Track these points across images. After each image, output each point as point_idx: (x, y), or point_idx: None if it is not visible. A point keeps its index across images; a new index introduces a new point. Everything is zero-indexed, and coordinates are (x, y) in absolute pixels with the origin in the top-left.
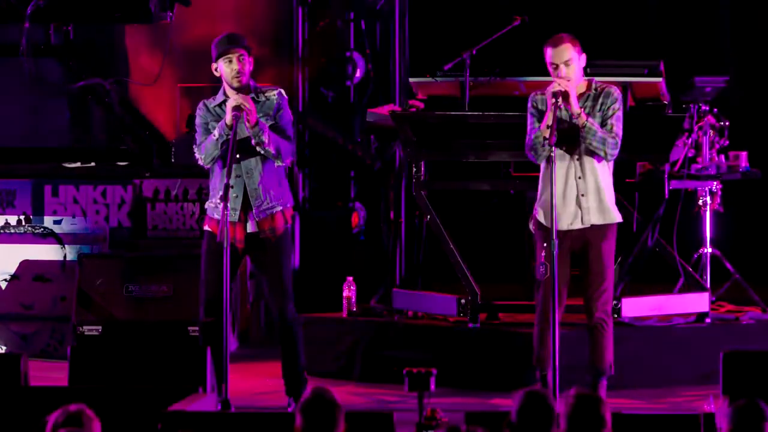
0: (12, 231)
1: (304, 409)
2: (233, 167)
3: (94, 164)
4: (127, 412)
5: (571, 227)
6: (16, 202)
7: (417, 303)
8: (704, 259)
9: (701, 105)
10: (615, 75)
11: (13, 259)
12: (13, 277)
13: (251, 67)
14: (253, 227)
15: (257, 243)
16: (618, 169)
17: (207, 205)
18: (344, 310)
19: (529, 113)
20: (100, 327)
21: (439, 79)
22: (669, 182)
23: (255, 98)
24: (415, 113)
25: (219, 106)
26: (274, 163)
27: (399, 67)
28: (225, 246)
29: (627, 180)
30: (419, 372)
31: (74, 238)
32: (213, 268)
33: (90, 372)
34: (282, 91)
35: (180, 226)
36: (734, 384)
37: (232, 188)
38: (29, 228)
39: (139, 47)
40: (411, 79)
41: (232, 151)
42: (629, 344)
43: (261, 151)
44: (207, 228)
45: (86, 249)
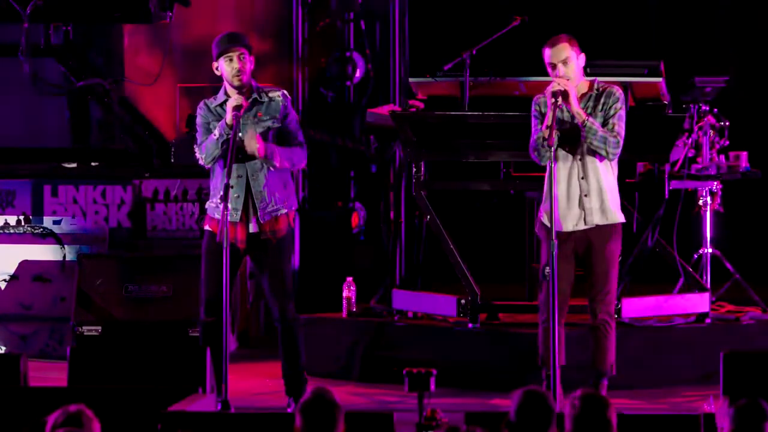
0: (11, 231)
1: (303, 410)
2: (235, 167)
3: (93, 164)
4: (127, 413)
5: (575, 228)
6: (15, 202)
7: (417, 303)
8: (704, 260)
9: (701, 105)
10: (615, 75)
11: (12, 259)
12: (12, 277)
13: (252, 66)
14: (255, 228)
15: (258, 243)
16: (618, 169)
17: (207, 205)
18: (344, 310)
19: (532, 116)
20: (99, 327)
21: (439, 79)
22: (669, 182)
23: (258, 99)
24: (415, 113)
25: (220, 106)
26: None
27: (399, 68)
28: (225, 246)
29: (627, 180)
30: (419, 372)
31: (74, 239)
32: (213, 268)
33: (89, 372)
34: (285, 92)
35: (179, 226)
36: (734, 384)
37: (232, 188)
38: (29, 228)
39: (138, 47)
40: (411, 79)
41: (232, 151)
42: (629, 344)
43: (273, 168)
44: (207, 228)
45: (86, 249)
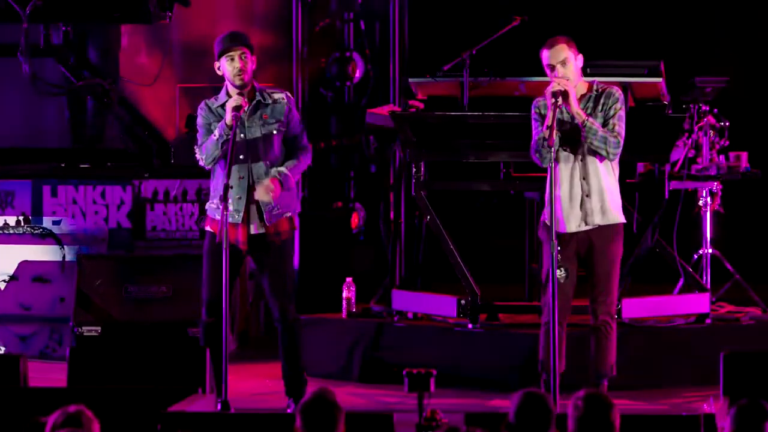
0: (11, 231)
1: (303, 410)
2: (237, 168)
3: (93, 165)
4: (127, 413)
5: (578, 229)
6: (15, 202)
7: (417, 304)
8: (704, 260)
9: (701, 105)
10: (615, 75)
11: (12, 259)
12: (12, 277)
13: (254, 65)
14: (256, 229)
15: (260, 244)
16: (618, 169)
17: (208, 206)
18: (344, 310)
19: (533, 119)
20: (99, 328)
21: (439, 79)
22: (669, 183)
23: (262, 100)
24: (414, 113)
25: (221, 106)
26: None
27: (398, 68)
28: (224, 246)
29: (627, 180)
30: (419, 373)
31: (73, 239)
32: (214, 269)
33: (89, 373)
34: (288, 94)
35: (179, 226)
36: (734, 385)
37: (232, 189)
38: (28, 228)
39: (138, 47)
40: (410, 80)
41: (231, 152)
42: (629, 344)
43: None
44: (208, 229)
45: (85, 250)
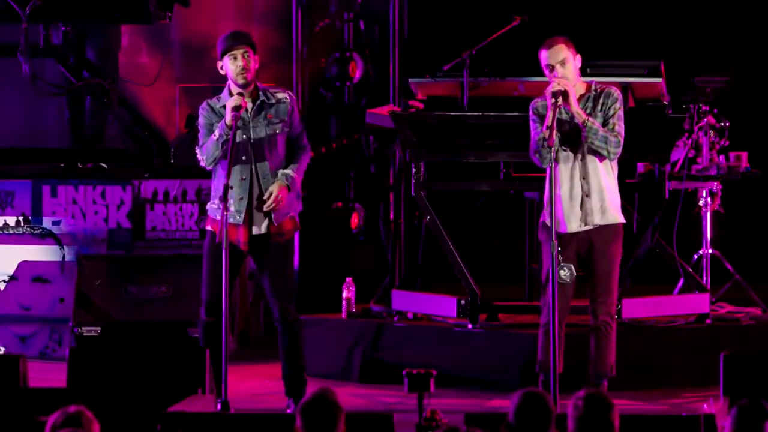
0: (11, 232)
1: (303, 410)
2: (239, 169)
3: (92, 165)
4: (127, 413)
5: (579, 229)
6: (15, 202)
7: (416, 304)
8: (704, 260)
9: (701, 105)
10: (615, 75)
11: (11, 260)
12: (11, 278)
13: (257, 65)
14: (258, 229)
15: (262, 245)
16: (618, 169)
17: (209, 206)
18: (343, 311)
19: (531, 119)
20: (99, 328)
21: (439, 79)
22: (669, 183)
23: (266, 100)
24: (414, 114)
25: (224, 106)
26: None
27: (398, 68)
28: (224, 247)
29: (627, 180)
30: (419, 373)
31: (73, 239)
32: (214, 269)
33: (89, 373)
34: (291, 93)
35: (179, 227)
36: (734, 385)
37: (232, 189)
38: (28, 229)
39: (138, 47)
40: (410, 80)
41: (231, 152)
42: (629, 345)
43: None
44: (209, 229)
45: (85, 250)
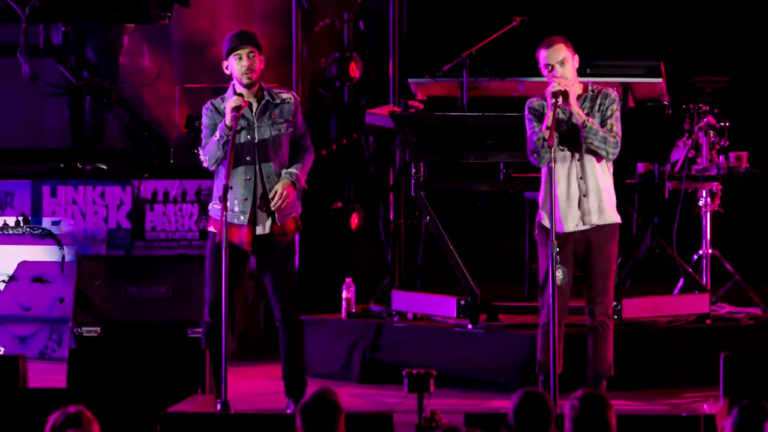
0: (10, 232)
1: (303, 410)
2: (243, 169)
3: (92, 165)
4: (127, 414)
5: (576, 229)
6: (14, 203)
7: (416, 304)
8: (704, 260)
9: (701, 105)
10: (615, 76)
11: (11, 260)
12: (11, 278)
13: (262, 65)
14: (263, 230)
15: (265, 244)
16: (618, 169)
17: (211, 207)
18: (343, 311)
19: (526, 119)
20: (98, 328)
21: (439, 79)
22: (669, 183)
23: (270, 100)
24: (414, 114)
25: None
26: None
27: (398, 68)
28: (224, 247)
29: (627, 181)
30: (419, 373)
31: (73, 239)
32: (217, 270)
33: (89, 373)
34: (295, 94)
35: (179, 227)
36: (734, 385)
37: (231, 189)
38: (28, 229)
39: (138, 47)
40: (410, 80)
41: (231, 152)
42: (629, 345)
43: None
44: (211, 229)
45: (85, 250)
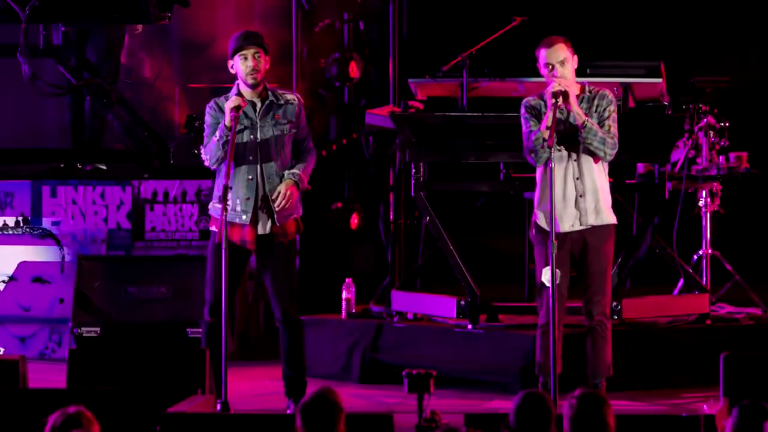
0: (10, 232)
1: (303, 409)
2: (246, 169)
3: (92, 165)
4: (126, 414)
5: (572, 229)
6: (14, 203)
7: (416, 304)
8: (704, 260)
9: (701, 105)
10: (615, 76)
11: (11, 260)
12: (11, 278)
13: (267, 65)
14: (263, 230)
15: (267, 244)
16: (618, 170)
17: (211, 206)
18: (343, 311)
19: (523, 118)
20: (98, 328)
21: (438, 79)
22: (669, 183)
23: (274, 100)
24: (414, 114)
25: None
26: None
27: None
28: (223, 247)
29: (627, 181)
30: (419, 374)
31: (73, 240)
32: (219, 269)
33: (89, 374)
34: (299, 96)
35: (178, 227)
36: (734, 386)
37: (231, 189)
38: (27, 229)
39: (138, 47)
40: (410, 80)
41: (231, 152)
42: (629, 345)
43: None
44: (213, 229)
45: (85, 250)
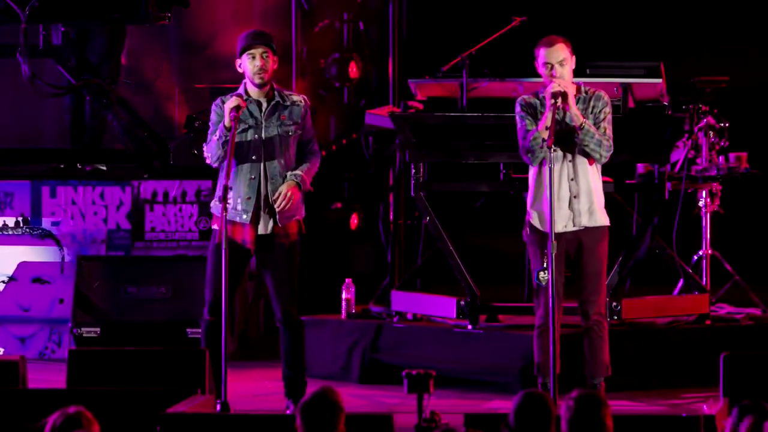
0: (10, 232)
1: (303, 409)
2: (249, 168)
3: (92, 165)
4: (126, 414)
5: (565, 230)
6: (14, 203)
7: (416, 304)
8: (704, 261)
9: (701, 106)
10: (615, 76)
11: (11, 260)
12: (11, 278)
13: (275, 65)
14: (264, 230)
15: (267, 245)
16: (618, 170)
17: (213, 205)
18: (343, 311)
19: (518, 116)
20: (98, 329)
21: (438, 80)
22: (669, 183)
23: (280, 101)
24: (414, 114)
25: None
26: None
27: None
28: (223, 247)
29: (627, 181)
30: (418, 374)
31: (72, 240)
32: (219, 269)
33: (89, 374)
34: (306, 98)
35: (178, 227)
36: (734, 386)
37: (230, 189)
38: (27, 229)
39: (138, 48)
40: (410, 80)
41: (231, 152)
42: (629, 345)
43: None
44: (215, 227)
45: (84, 250)
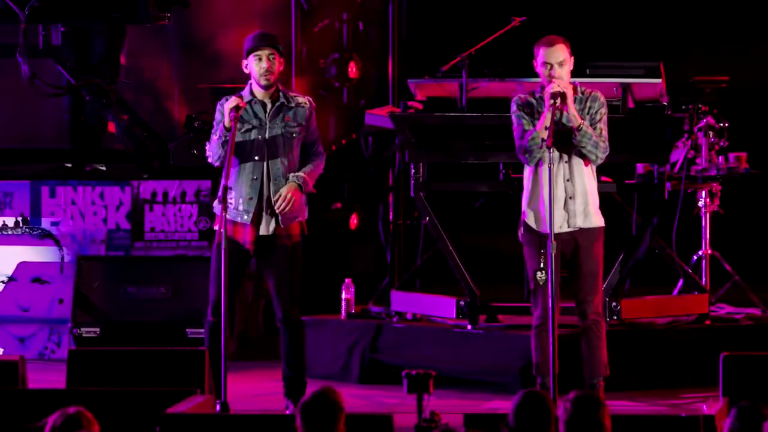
0: (10, 233)
1: (303, 409)
2: (252, 168)
3: (91, 166)
4: (126, 414)
5: (560, 230)
6: (13, 203)
7: (416, 305)
8: (703, 261)
9: (701, 106)
10: (614, 76)
11: (10, 261)
12: (10, 279)
13: (281, 67)
14: (266, 230)
15: (268, 246)
16: (618, 170)
17: (215, 204)
18: (343, 311)
19: (515, 116)
20: (98, 329)
21: (438, 80)
22: (668, 183)
23: (285, 102)
24: (414, 114)
25: (247, 103)
26: None
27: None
28: (223, 247)
29: (626, 181)
30: (418, 374)
31: (72, 240)
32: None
33: (88, 374)
34: (311, 100)
35: (178, 227)
36: (734, 386)
37: (236, 188)
38: (27, 230)
39: (138, 47)
40: (410, 81)
41: (230, 153)
42: (628, 345)
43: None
44: (217, 227)
45: (84, 251)
